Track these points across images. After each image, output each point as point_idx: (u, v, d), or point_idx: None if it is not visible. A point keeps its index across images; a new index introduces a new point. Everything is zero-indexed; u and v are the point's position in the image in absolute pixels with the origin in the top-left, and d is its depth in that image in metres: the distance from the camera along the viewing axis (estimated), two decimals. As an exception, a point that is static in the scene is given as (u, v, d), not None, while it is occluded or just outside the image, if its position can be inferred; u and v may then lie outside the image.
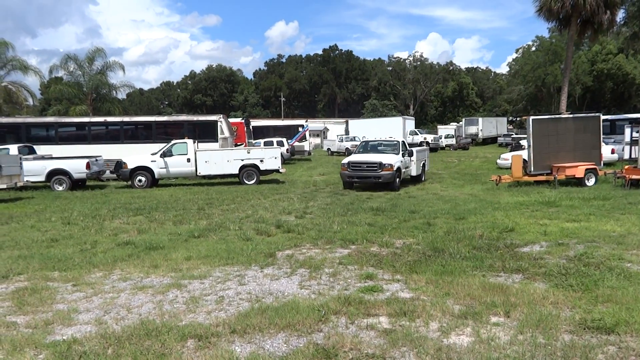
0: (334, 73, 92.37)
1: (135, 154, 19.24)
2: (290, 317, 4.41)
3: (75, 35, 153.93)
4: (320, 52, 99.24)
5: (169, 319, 4.54)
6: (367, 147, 17.97)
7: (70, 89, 40.87)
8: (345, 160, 16.49)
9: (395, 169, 15.26)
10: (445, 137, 47.75)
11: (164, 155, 18.33)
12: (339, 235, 8.15)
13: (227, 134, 22.74)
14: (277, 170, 18.88)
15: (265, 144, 28.06)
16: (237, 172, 18.48)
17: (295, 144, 33.39)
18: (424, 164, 18.91)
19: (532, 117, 16.00)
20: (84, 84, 40.45)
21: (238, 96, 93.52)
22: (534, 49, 65.38)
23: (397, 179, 15.58)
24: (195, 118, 24.87)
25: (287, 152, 29.03)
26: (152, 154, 18.50)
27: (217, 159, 18.36)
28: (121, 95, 47.79)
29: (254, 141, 29.45)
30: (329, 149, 41.88)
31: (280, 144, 28.33)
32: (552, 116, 17.05)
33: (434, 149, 42.67)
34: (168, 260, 6.72)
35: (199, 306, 4.92)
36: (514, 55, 76.74)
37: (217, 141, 21.93)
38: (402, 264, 6.27)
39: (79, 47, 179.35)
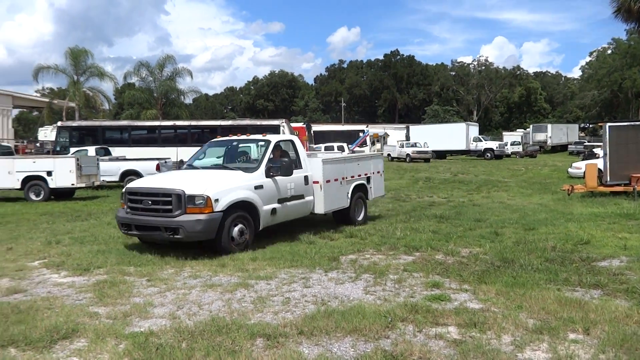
0: (395, 78, 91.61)
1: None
2: (357, 322, 4.40)
3: (147, 43, 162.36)
4: (381, 57, 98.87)
5: (238, 317, 4.66)
6: (202, 153, 9.50)
7: (142, 94, 43.15)
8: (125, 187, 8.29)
9: (221, 206, 7.23)
10: (511, 144, 46.09)
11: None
12: (402, 241, 8.05)
13: (289, 138, 23.10)
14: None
15: (326, 148, 28.26)
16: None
17: (355, 149, 33.39)
18: (361, 189, 10.33)
19: (609, 124, 15.08)
20: (154, 90, 42.57)
21: (299, 101, 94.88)
22: (609, 52, 61.87)
23: (242, 232, 7.57)
24: (258, 122, 25.52)
25: (348, 157, 29.04)
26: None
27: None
28: (188, 100, 49.83)
29: (314, 146, 29.74)
30: (389, 155, 41.53)
31: (341, 148, 28.42)
32: (632, 123, 16.01)
33: (499, 156, 41.29)
34: (235, 260, 6.91)
35: (266, 306, 5.01)
36: (587, 59, 72.86)
37: (279, 145, 22.31)
38: (469, 273, 6.10)
39: (150, 54, 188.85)
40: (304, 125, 29.46)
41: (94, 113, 44.35)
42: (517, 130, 61.28)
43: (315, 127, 36.59)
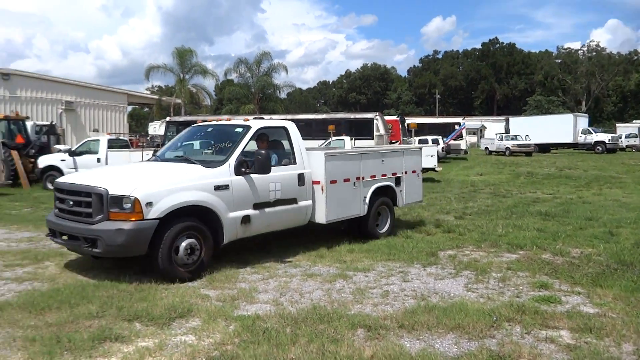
0: (493, 68, 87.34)
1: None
2: (459, 319, 4.30)
3: (245, 41, 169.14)
4: (478, 46, 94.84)
5: (338, 307, 4.75)
6: (179, 142, 7.71)
7: (241, 89, 45.14)
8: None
9: (157, 212, 5.46)
10: (626, 137, 42.08)
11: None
12: (505, 239, 7.69)
13: (382, 131, 22.95)
14: (432, 169, 18.50)
15: (420, 141, 27.69)
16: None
17: (450, 142, 32.37)
18: (386, 193, 8.17)
19: None
20: (252, 85, 44.32)
21: (391, 94, 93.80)
22: None
23: (192, 248, 5.72)
24: (352, 116, 25.59)
25: (443, 150, 28.26)
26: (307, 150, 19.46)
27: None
28: (283, 94, 51.29)
29: (408, 139, 29.26)
30: (486, 148, 39.78)
31: (435, 142, 27.69)
32: None
33: (612, 149, 37.86)
34: (332, 251, 7.03)
35: (365, 298, 5.06)
36: None
37: (372, 138, 22.27)
38: (581, 275, 5.69)
39: (247, 51, 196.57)
40: (398, 118, 29.03)
41: (197, 109, 47.17)
42: (634, 121, 55.68)
43: (409, 120, 35.93)
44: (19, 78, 29.74)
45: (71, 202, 5.85)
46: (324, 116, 27.46)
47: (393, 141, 25.11)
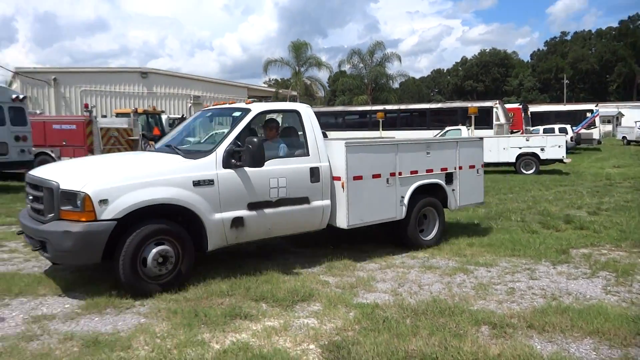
0: (633, 48, 77.90)
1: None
2: (598, 323, 3.93)
3: (357, 31, 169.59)
4: (615, 24, 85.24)
5: (459, 302, 4.60)
6: (185, 130, 6.69)
7: (354, 80, 45.39)
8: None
9: (114, 212, 4.51)
10: None
11: (438, 141, 18.64)
12: (651, 238, 6.87)
13: (502, 120, 21.71)
14: (560, 160, 17.10)
15: (545, 131, 25.72)
16: (513, 160, 17.45)
17: (581, 131, 29.62)
18: (432, 193, 6.87)
19: None
20: (365, 76, 44.36)
21: (512, 80, 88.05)
22: None
23: (165, 257, 4.78)
24: (469, 104, 24.49)
25: (572, 140, 25.97)
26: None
27: (492, 146, 17.66)
28: (396, 84, 50.62)
29: (531, 128, 27.33)
30: (624, 138, 35.79)
31: (563, 131, 25.52)
32: None
33: None
34: (451, 244, 6.82)
35: (488, 294, 4.84)
36: None
37: (492, 128, 21.16)
38: None
39: (359, 42, 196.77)
40: (520, 107, 27.17)
41: (311, 100, 48.44)
42: None
43: (532, 108, 33.48)
44: (154, 76, 32.89)
45: (31, 197, 5.14)
46: (439, 105, 26.64)
47: (514, 130, 23.63)
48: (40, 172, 5.19)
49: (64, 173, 4.96)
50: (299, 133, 6.02)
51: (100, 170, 5.05)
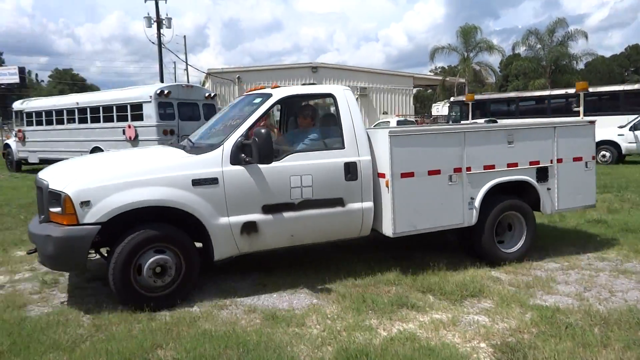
0: None
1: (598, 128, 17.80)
2: None
3: (533, 10, 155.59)
4: None
5: (664, 315, 3.93)
6: (212, 123, 5.73)
7: (529, 63, 41.71)
8: None
9: (97, 215, 4.03)
10: None
11: (634, 128, 16.21)
12: None
13: None
14: None
15: None
16: None
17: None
18: (518, 192, 5.58)
19: None
20: (542, 57, 40.44)
21: None
22: None
23: (165, 267, 4.25)
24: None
25: None
26: (620, 127, 16.66)
27: None
28: (580, 65, 45.20)
29: None
30: None
31: None
32: None
33: None
34: (650, 247, 5.87)
35: None
36: None
37: None
38: None
39: (536, 21, 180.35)
40: None
41: (480, 87, 45.92)
42: None
43: None
44: (324, 70, 34.45)
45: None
46: (635, 87, 23.03)
47: None
48: (44, 171, 4.90)
49: (59, 171, 4.65)
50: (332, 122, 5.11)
51: (91, 168, 4.62)
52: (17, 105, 18.22)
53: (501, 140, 5.29)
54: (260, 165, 4.48)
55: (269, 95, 4.90)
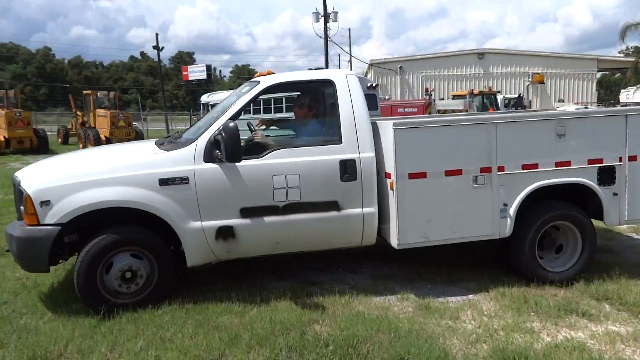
0: None
1: None
2: None
3: None
4: None
5: None
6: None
7: None
8: None
9: (57, 216, 3.68)
10: None
11: None
12: None
13: None
14: None
15: None
16: None
17: None
18: (573, 198, 4.35)
19: None
20: None
21: None
22: None
23: (134, 272, 3.83)
24: None
25: None
26: None
27: None
28: None
29: None
30: None
31: None
32: None
33: None
34: None
35: None
36: None
37: None
38: None
39: None
40: None
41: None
42: None
43: None
44: (491, 56, 32.51)
45: None
46: None
47: None
48: (23, 169, 4.69)
49: (32, 169, 4.47)
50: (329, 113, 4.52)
51: (57, 167, 4.41)
52: (204, 98, 20.70)
53: (548, 133, 4.23)
54: (238, 164, 4.01)
55: (256, 83, 4.41)
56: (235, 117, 4.13)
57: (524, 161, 4.24)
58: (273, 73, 4.77)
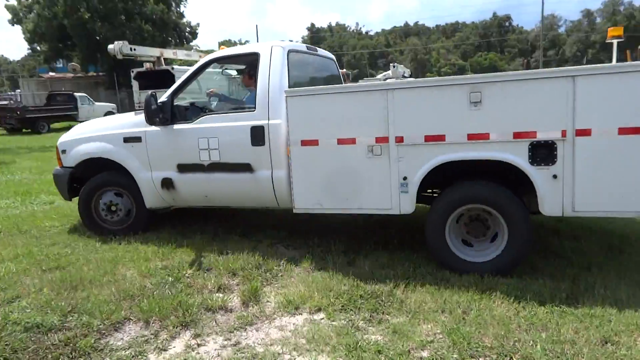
0: None
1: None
2: None
3: None
4: None
5: None
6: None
7: None
8: None
9: (70, 161, 5.55)
10: None
11: None
12: None
13: None
14: None
15: None
16: None
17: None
18: (513, 177, 3.70)
19: None
20: None
21: None
22: None
23: (112, 206, 5.43)
24: None
25: None
26: None
27: None
28: None
29: None
30: None
31: None
32: None
33: None
34: None
35: None
36: None
37: None
38: None
39: None
40: None
41: None
42: None
43: None
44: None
45: None
46: None
47: None
48: None
49: (71, 129, 5.83)
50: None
51: (81, 127, 5.70)
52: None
53: (458, 101, 3.63)
54: (176, 126, 4.81)
55: (201, 59, 5.25)
56: (181, 85, 4.92)
57: (427, 132, 3.76)
58: (225, 47, 5.71)
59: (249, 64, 4.97)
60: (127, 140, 5.05)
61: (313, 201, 4.26)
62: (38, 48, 37.90)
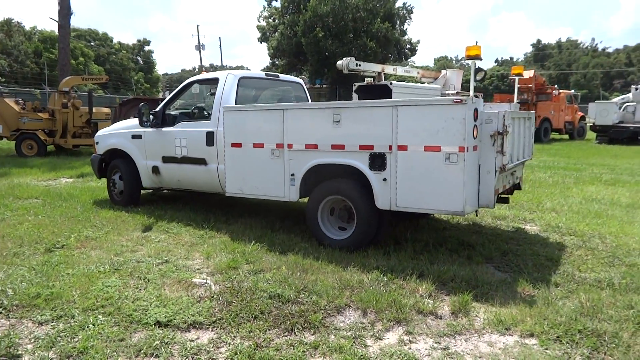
0: None
1: None
2: None
3: None
4: None
5: None
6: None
7: None
8: None
9: (100, 149, 8.01)
10: None
11: None
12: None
13: None
14: None
15: None
16: None
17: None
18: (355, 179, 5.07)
19: None
20: None
21: None
22: None
23: (117, 182, 7.78)
24: None
25: None
26: None
27: None
28: None
29: None
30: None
31: None
32: None
33: None
34: None
35: None
36: None
37: None
38: None
39: None
40: None
41: None
42: None
43: None
44: None
45: None
46: None
47: None
48: None
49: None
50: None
51: (115, 125, 7.93)
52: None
53: (325, 120, 5.04)
54: (163, 129, 6.80)
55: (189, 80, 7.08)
56: (171, 99, 6.97)
57: (307, 142, 5.23)
58: (205, 72, 7.75)
59: (213, 85, 6.53)
60: (133, 137, 7.17)
61: (236, 188, 5.88)
62: (276, 62, 43.61)
